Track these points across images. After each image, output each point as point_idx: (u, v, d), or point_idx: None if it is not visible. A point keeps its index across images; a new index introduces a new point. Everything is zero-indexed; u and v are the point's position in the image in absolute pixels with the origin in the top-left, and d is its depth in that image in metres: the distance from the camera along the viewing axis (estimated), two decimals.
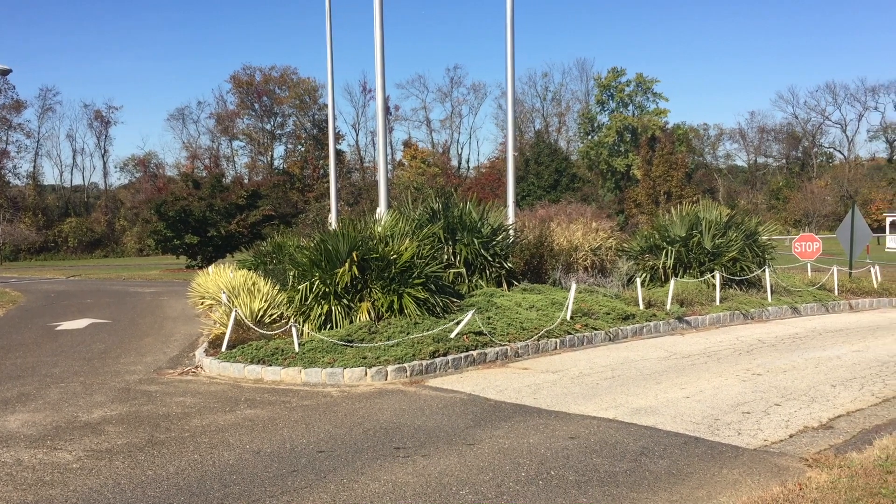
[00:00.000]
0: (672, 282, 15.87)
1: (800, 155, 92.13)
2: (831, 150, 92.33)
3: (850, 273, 21.79)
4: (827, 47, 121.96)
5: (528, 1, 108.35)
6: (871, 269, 21.55)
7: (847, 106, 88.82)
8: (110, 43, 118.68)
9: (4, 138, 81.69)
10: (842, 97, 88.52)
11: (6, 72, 27.05)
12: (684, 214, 19.06)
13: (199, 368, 11.05)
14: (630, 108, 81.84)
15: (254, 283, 14.30)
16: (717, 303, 16.22)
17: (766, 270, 17.80)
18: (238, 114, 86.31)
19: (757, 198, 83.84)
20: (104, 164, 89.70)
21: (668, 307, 15.04)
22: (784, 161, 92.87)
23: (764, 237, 19.40)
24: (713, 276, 16.88)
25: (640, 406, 8.44)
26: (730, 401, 8.63)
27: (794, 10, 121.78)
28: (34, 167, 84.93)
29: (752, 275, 17.88)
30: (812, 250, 22.04)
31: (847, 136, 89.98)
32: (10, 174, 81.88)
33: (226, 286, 14.45)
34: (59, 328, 16.18)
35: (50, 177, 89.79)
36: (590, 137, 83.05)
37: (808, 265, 22.15)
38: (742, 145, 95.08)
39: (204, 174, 61.59)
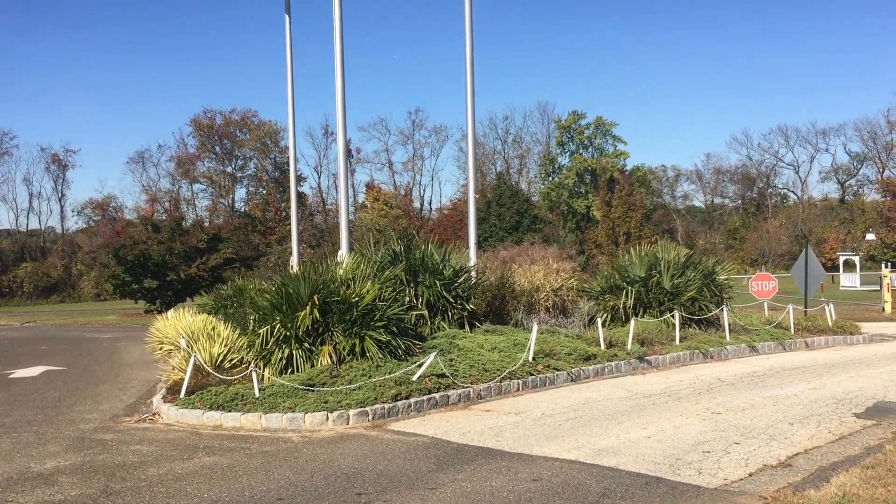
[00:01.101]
0: (632, 322, 16.02)
1: (755, 196, 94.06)
2: (785, 190, 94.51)
3: (806, 311, 22.18)
4: (778, 91, 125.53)
5: (489, 45, 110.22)
6: (826, 307, 21.97)
7: (799, 148, 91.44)
8: (68, 86, 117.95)
9: None
10: (794, 139, 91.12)
11: None
12: (643, 255, 19.31)
13: (156, 416, 10.85)
14: (590, 150, 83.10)
15: (214, 328, 14.14)
16: (677, 342, 16.39)
17: (725, 309, 18.06)
18: (199, 157, 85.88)
19: (715, 238, 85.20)
20: (61, 207, 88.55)
21: (629, 347, 15.16)
22: (740, 202, 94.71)
23: (722, 277, 19.71)
24: (673, 316, 17.08)
25: (603, 447, 8.46)
26: (690, 440, 8.69)
27: (747, 56, 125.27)
28: None
29: (710, 314, 18.12)
30: (768, 289, 22.41)
31: (800, 178, 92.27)
32: None
33: (185, 331, 14.26)
34: (12, 376, 15.79)
35: (5, 221, 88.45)
36: (551, 179, 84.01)
37: (765, 304, 22.51)
38: (699, 186, 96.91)
39: (164, 218, 61.02)
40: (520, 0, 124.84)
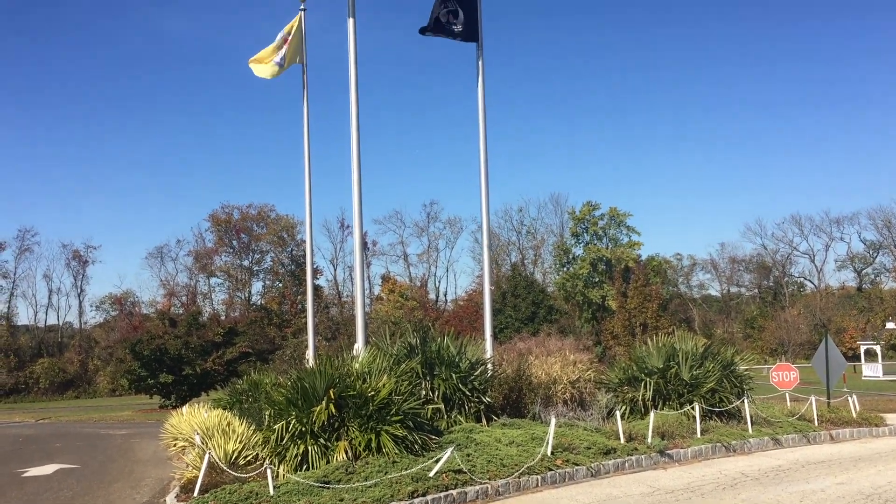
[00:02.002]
0: (652, 414, 15.78)
1: (771, 284, 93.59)
2: (802, 279, 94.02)
3: (829, 403, 21.78)
4: (791, 180, 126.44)
5: (503, 138, 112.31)
6: (849, 398, 21.57)
7: (814, 236, 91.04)
8: (90, 183, 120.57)
9: None
10: (808, 228, 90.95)
11: None
12: (661, 346, 19.15)
13: None
14: (604, 240, 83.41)
15: (228, 424, 14.04)
16: (699, 435, 16.08)
17: (745, 401, 17.78)
18: (216, 251, 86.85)
19: (732, 327, 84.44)
20: (80, 303, 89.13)
21: (650, 440, 14.89)
22: (756, 290, 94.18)
23: (741, 367, 19.45)
24: (693, 408, 16.81)
25: None
26: None
27: (759, 144, 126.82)
28: (9, 308, 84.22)
29: (731, 406, 17.83)
30: (790, 380, 22.09)
31: (816, 266, 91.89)
32: None
33: (199, 427, 14.16)
34: (25, 475, 15.65)
35: (24, 317, 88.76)
36: (565, 269, 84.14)
37: (787, 395, 22.15)
38: (715, 275, 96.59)
39: (181, 312, 61.34)
40: (531, 94, 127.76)
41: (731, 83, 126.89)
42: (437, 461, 11.40)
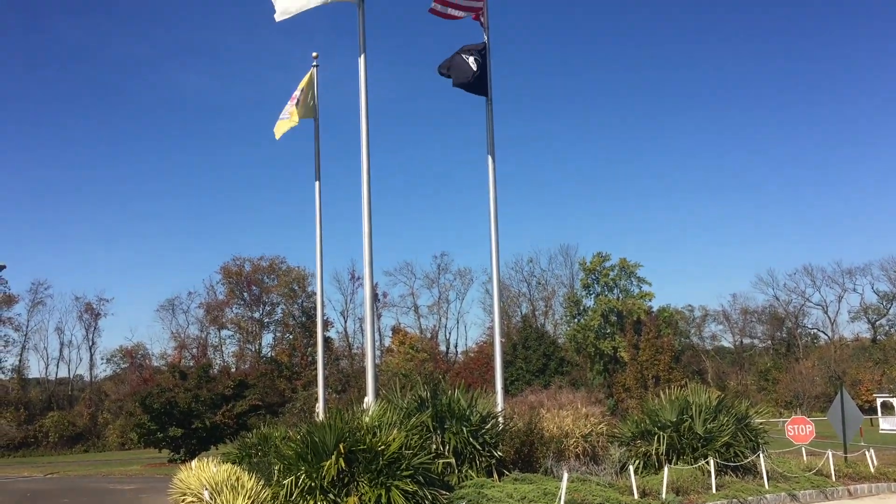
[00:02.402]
0: (666, 469, 15.57)
1: (785, 336, 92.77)
2: (815, 330, 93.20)
3: (846, 457, 21.44)
4: (803, 231, 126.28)
5: (513, 188, 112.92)
6: (867, 452, 21.24)
7: (826, 288, 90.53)
8: (104, 235, 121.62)
9: None
10: (820, 279, 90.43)
11: (0, 268, 27.53)
12: (674, 399, 18.98)
13: None
14: (615, 291, 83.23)
15: (237, 479, 13.93)
16: (714, 490, 15.84)
17: (761, 455, 17.53)
18: (227, 303, 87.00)
19: (746, 379, 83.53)
20: (91, 356, 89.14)
21: (664, 496, 14.67)
22: (770, 342, 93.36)
23: (756, 420, 19.24)
24: (707, 463, 16.58)
25: None
26: None
27: (769, 195, 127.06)
28: (20, 361, 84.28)
29: (746, 460, 17.58)
30: (805, 433, 21.81)
31: (829, 318, 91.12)
32: None
33: (208, 482, 14.04)
34: None
35: (35, 370, 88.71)
36: (576, 321, 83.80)
37: (803, 449, 21.83)
38: (727, 327, 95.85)
39: (191, 364, 61.27)
40: (541, 144, 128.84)
41: (741, 134, 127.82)
42: None
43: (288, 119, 21.67)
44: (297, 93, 22.02)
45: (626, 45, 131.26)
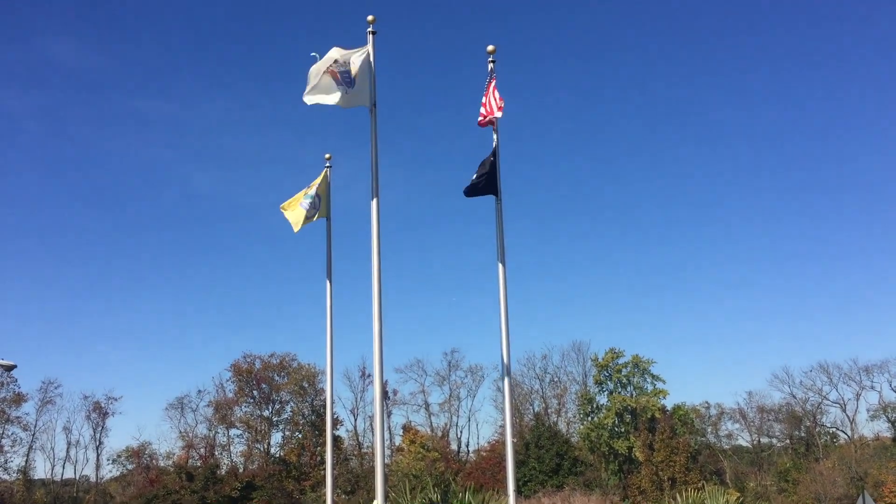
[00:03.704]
0: None
1: (803, 434, 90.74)
2: (834, 429, 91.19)
3: None
4: (817, 327, 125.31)
5: (523, 287, 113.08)
6: None
7: (843, 385, 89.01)
8: (114, 334, 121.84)
9: (1, 432, 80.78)
10: (836, 377, 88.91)
11: (11, 367, 27.63)
12: (691, 502, 18.57)
13: None
14: (629, 388, 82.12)
15: None
16: None
17: None
18: (237, 401, 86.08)
19: (766, 480, 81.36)
20: (98, 456, 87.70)
21: None
22: (788, 441, 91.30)
23: None
24: None
25: None
26: None
27: (783, 292, 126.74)
28: (27, 461, 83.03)
29: None
30: None
31: (847, 416, 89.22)
32: (0, 469, 79.97)
33: None
34: None
35: (41, 470, 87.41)
36: (589, 419, 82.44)
37: None
38: (744, 425, 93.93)
39: (198, 464, 60.34)
40: (551, 241, 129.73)
41: (754, 228, 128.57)
42: None
43: (299, 210, 21.85)
44: (311, 190, 22.34)
45: (630, 137, 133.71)
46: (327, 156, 23.28)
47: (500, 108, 18.84)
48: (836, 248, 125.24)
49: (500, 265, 19.05)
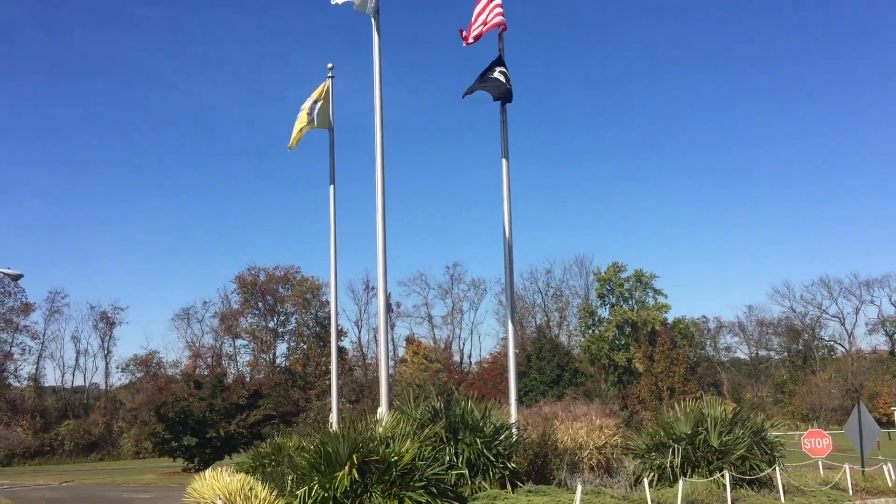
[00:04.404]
0: (681, 482, 15.45)
1: (801, 348, 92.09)
2: (832, 342, 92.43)
3: (863, 471, 21.23)
4: (819, 242, 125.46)
5: (527, 198, 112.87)
6: (885, 466, 21.02)
7: (843, 300, 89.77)
8: (119, 245, 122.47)
9: (10, 340, 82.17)
10: (837, 291, 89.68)
11: (17, 277, 27.76)
12: (689, 411, 18.85)
13: None
14: (630, 302, 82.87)
15: (251, 489, 13.92)
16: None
17: (777, 469, 17.37)
18: (242, 313, 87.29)
19: (762, 391, 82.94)
20: (106, 364, 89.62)
21: None
22: (786, 354, 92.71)
23: (772, 434, 19.08)
24: (722, 476, 16.45)
25: None
26: None
27: (786, 206, 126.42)
28: (37, 369, 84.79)
29: (762, 474, 17.43)
30: (822, 447, 21.62)
31: (846, 329, 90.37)
32: (11, 376, 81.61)
33: (222, 491, 14.05)
34: None
35: (51, 378, 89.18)
36: (591, 332, 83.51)
37: (820, 462, 21.63)
38: (743, 338, 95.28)
39: (206, 373, 61.43)
40: (556, 154, 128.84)
41: (759, 144, 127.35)
42: None
43: (300, 128, 21.75)
44: (308, 102, 22.10)
45: (641, 50, 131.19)
46: (329, 66, 22.91)
47: (498, 23, 18.37)
48: (840, 163, 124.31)
49: (504, 173, 18.85)
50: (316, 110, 21.94)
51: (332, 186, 21.91)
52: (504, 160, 18.90)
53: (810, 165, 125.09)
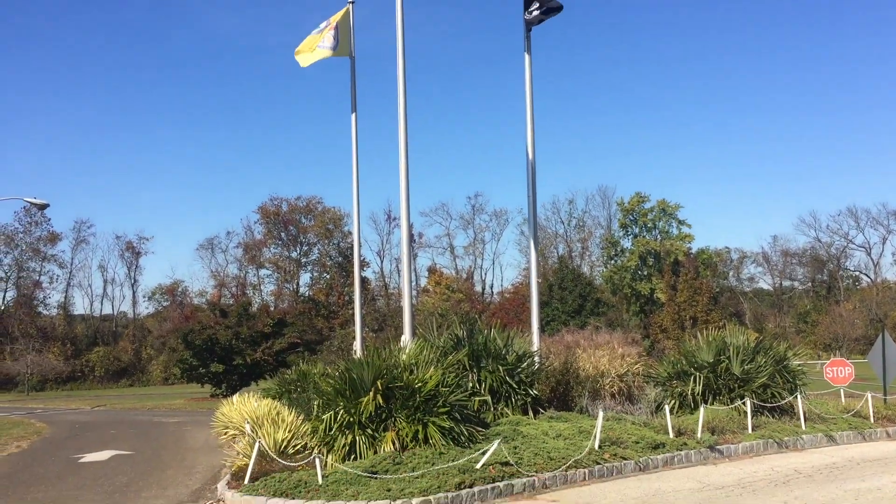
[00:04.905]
0: (702, 409, 15.55)
1: (825, 278, 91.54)
2: (857, 273, 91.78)
3: (885, 399, 21.25)
4: (847, 171, 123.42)
5: (549, 129, 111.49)
6: None
7: (870, 229, 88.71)
8: (144, 175, 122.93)
9: (38, 269, 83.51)
10: (864, 221, 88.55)
11: (44, 206, 28.00)
12: (711, 340, 18.85)
13: (220, 502, 10.88)
14: (654, 232, 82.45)
15: (278, 413, 14.21)
16: (750, 431, 15.82)
17: (799, 397, 17.42)
18: (265, 243, 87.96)
19: (785, 321, 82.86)
20: (133, 293, 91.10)
21: (699, 435, 14.69)
22: (810, 284, 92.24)
23: (795, 362, 19.07)
24: (744, 403, 16.54)
25: None
26: None
27: (813, 135, 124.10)
28: (65, 297, 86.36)
29: (783, 401, 17.49)
30: (844, 376, 21.62)
31: (872, 260, 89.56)
32: (41, 305, 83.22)
33: (250, 416, 14.36)
34: (82, 460, 16.06)
35: (80, 307, 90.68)
36: (613, 262, 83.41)
37: (842, 391, 21.67)
38: (766, 269, 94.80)
39: (231, 303, 62.27)
40: (579, 84, 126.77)
41: (783, 72, 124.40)
42: (483, 453, 11.39)
43: (316, 51, 21.28)
44: (324, 24, 21.67)
45: None
46: None
47: None
48: (871, 92, 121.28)
49: (528, 103, 18.62)
50: (336, 38, 21.55)
51: (353, 115, 21.68)
52: (528, 90, 18.61)
53: (840, 93, 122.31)
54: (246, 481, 11.14)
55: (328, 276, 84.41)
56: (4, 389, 68.49)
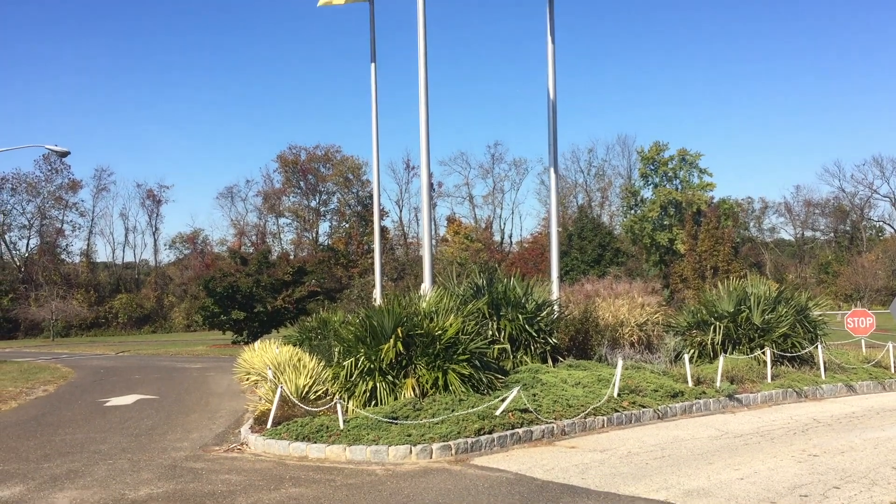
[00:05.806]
0: (721, 358, 15.56)
1: (848, 229, 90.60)
2: (881, 223, 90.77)
3: None
4: (873, 120, 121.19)
5: (569, 77, 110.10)
6: None
7: (895, 179, 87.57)
8: (164, 124, 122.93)
9: (60, 217, 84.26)
10: (889, 170, 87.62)
11: (64, 154, 28.09)
12: (732, 289, 18.76)
13: (244, 445, 11.05)
14: (675, 182, 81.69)
15: (299, 359, 14.37)
16: (769, 380, 15.83)
17: (819, 347, 17.38)
18: (284, 191, 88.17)
19: (806, 272, 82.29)
20: (155, 241, 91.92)
21: (718, 384, 14.72)
22: (832, 235, 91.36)
23: (815, 312, 18.98)
24: (763, 353, 16.52)
25: (693, 487, 8.21)
26: (786, 483, 8.35)
27: (839, 84, 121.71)
28: (88, 245, 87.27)
29: (804, 351, 17.46)
30: (865, 326, 21.50)
31: None
32: (63, 252, 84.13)
33: (271, 362, 14.53)
34: (107, 404, 16.35)
35: (102, 254, 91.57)
36: (633, 212, 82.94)
37: (862, 341, 21.59)
38: (788, 219, 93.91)
39: (251, 251, 62.67)
40: (599, 32, 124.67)
41: (807, 20, 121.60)
42: (503, 400, 11.48)
43: None
44: None
45: None
46: None
47: None
48: (890, 37, 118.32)
49: (550, 52, 18.37)
50: None
51: (373, 64, 21.46)
52: (549, 39, 18.32)
53: (865, 41, 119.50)
54: (269, 425, 11.31)
55: (347, 225, 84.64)
56: (30, 335, 69.76)
